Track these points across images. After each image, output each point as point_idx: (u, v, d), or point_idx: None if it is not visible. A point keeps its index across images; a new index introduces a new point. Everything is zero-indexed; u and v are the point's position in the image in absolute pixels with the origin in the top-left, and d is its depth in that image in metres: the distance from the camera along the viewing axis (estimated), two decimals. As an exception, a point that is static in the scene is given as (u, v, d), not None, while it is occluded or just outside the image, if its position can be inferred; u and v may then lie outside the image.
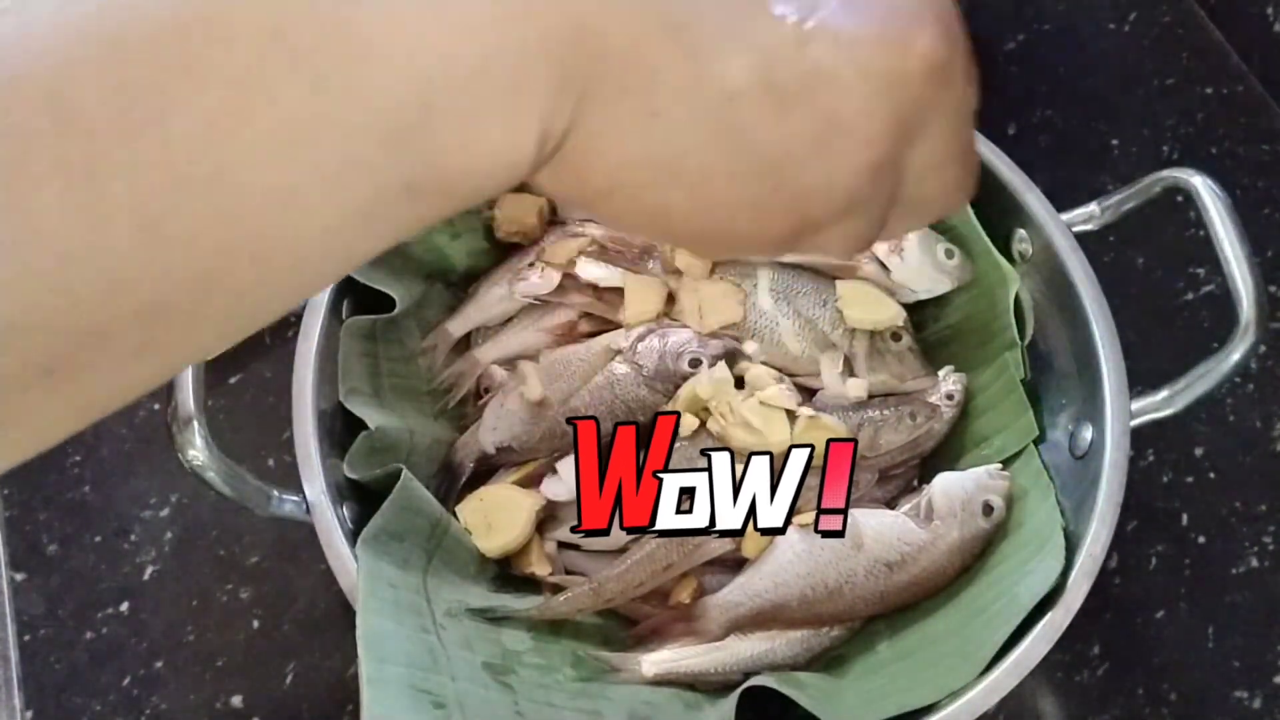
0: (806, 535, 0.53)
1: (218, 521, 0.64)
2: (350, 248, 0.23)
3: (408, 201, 0.23)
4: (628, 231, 0.25)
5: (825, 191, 0.26)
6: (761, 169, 0.25)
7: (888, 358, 0.59)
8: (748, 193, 0.26)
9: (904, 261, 0.59)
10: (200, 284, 0.21)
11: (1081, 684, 0.59)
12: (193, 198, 0.20)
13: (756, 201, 0.26)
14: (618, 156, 0.25)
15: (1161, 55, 0.78)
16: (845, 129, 0.25)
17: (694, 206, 0.26)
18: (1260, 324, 0.50)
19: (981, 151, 0.59)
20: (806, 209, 0.26)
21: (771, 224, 0.27)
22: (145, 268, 0.21)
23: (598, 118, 0.24)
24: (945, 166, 0.28)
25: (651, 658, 0.52)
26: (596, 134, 0.24)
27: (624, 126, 0.24)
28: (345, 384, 0.55)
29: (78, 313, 0.20)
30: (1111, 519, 0.49)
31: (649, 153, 0.25)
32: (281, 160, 0.21)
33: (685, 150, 0.25)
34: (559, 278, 0.59)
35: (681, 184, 0.25)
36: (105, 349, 0.21)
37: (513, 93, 0.23)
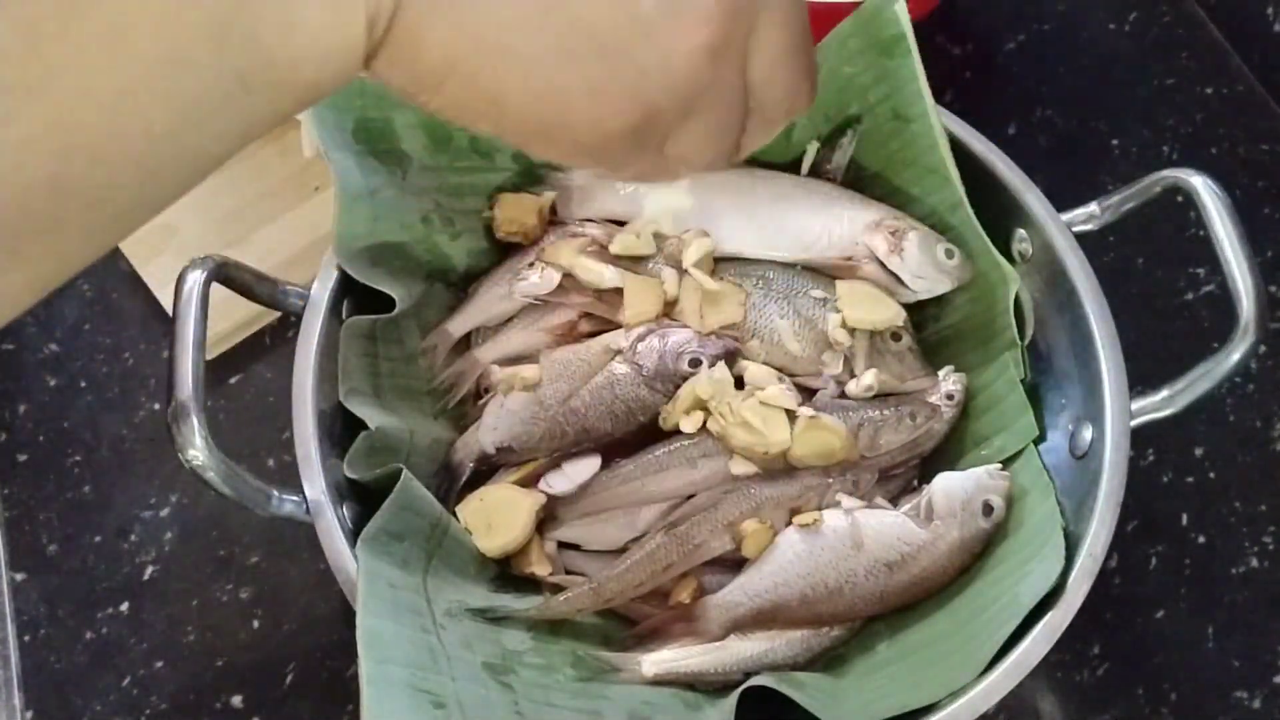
0: (807, 535, 0.53)
1: (218, 521, 0.64)
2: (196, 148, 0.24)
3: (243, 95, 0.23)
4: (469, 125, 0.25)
5: (662, 73, 0.25)
6: (594, 49, 0.25)
7: (888, 358, 0.59)
8: (582, 75, 0.25)
9: (904, 261, 0.59)
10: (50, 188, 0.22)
11: (1081, 684, 0.59)
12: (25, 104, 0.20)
13: (592, 85, 0.25)
14: (446, 36, 0.24)
15: (1161, 55, 0.78)
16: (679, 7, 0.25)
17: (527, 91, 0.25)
18: (1260, 324, 0.50)
19: (981, 151, 0.59)
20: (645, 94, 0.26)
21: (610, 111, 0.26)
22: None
23: None
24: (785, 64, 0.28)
25: (651, 658, 0.52)
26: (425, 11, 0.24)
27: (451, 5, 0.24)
28: (345, 384, 0.55)
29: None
30: (1111, 519, 0.49)
31: (479, 33, 0.24)
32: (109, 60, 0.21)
33: (515, 29, 0.24)
34: (559, 278, 0.59)
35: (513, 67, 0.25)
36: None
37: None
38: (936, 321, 0.62)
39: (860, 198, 0.61)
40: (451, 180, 0.61)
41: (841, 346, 0.58)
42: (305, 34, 0.23)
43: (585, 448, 0.57)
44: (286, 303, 0.56)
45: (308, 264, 0.62)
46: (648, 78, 0.25)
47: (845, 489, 0.55)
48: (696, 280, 0.58)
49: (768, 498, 0.54)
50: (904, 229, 0.59)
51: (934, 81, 0.58)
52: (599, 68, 0.25)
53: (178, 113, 0.23)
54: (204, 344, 0.49)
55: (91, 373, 0.68)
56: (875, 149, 0.62)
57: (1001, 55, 0.78)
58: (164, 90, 0.22)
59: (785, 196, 0.61)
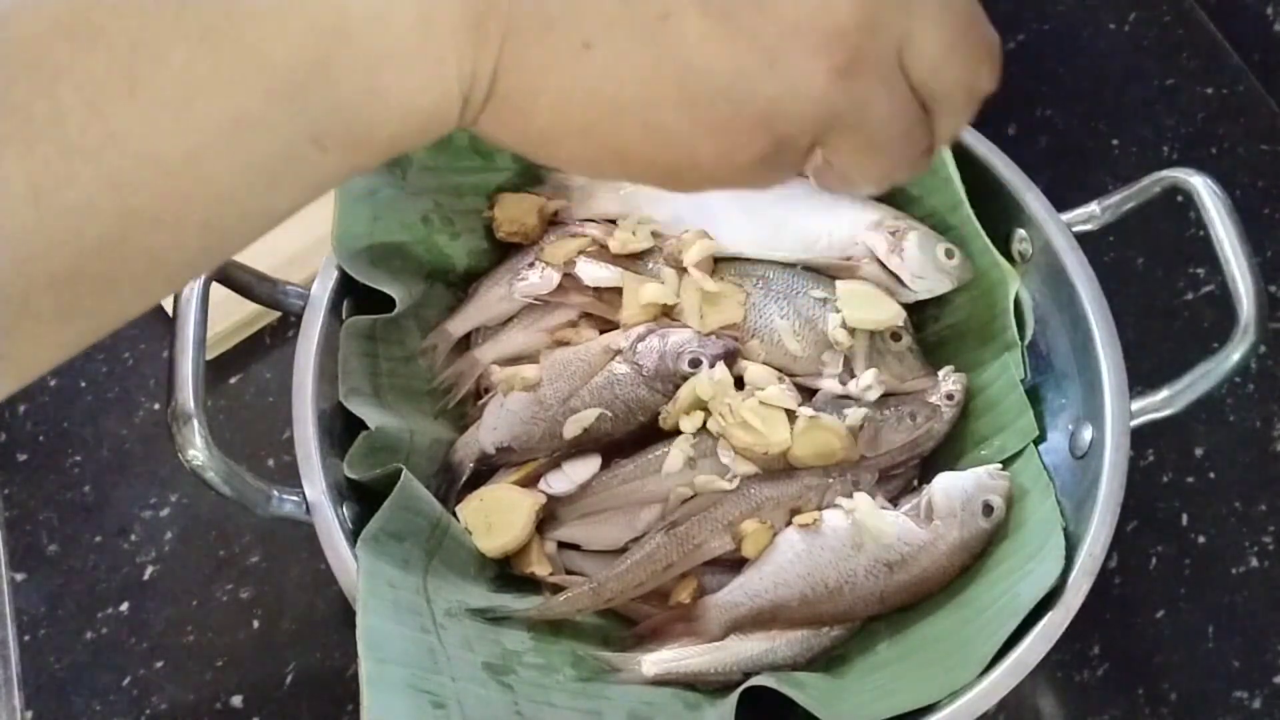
0: (807, 535, 0.53)
1: (218, 521, 0.64)
2: (264, 204, 0.23)
3: (318, 155, 0.22)
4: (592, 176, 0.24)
5: (791, 102, 0.24)
6: (714, 91, 0.24)
7: (888, 358, 0.59)
8: (704, 118, 0.24)
9: (904, 261, 0.59)
10: (109, 250, 0.21)
11: (1081, 684, 0.59)
12: (86, 166, 0.20)
13: (716, 126, 0.24)
14: (557, 95, 0.23)
15: (1161, 55, 0.78)
16: (796, 34, 0.23)
17: (650, 140, 0.24)
18: (1260, 324, 0.50)
19: (981, 151, 0.59)
20: (775, 127, 0.24)
21: (740, 149, 0.25)
22: (49, 238, 0.20)
23: (527, 55, 0.23)
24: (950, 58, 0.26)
25: (651, 658, 0.52)
26: (529, 72, 0.23)
27: (557, 62, 0.23)
28: (345, 384, 0.55)
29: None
30: (1111, 519, 0.49)
31: (589, 87, 0.23)
32: (174, 123, 0.21)
33: (627, 81, 0.23)
34: (559, 278, 0.59)
35: (631, 117, 0.24)
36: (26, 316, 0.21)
37: (420, 39, 0.22)
38: (936, 321, 0.62)
39: (860, 198, 0.61)
40: (451, 180, 0.61)
41: (841, 346, 0.58)
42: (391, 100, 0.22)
43: (585, 448, 0.57)
44: (286, 303, 0.56)
45: (308, 264, 0.62)
46: (775, 108, 0.24)
47: (845, 489, 0.55)
48: (696, 280, 0.58)
49: (768, 498, 0.54)
50: (904, 229, 0.59)
51: (934, 81, 0.58)
52: (721, 109, 0.24)
53: (245, 175, 0.22)
54: (204, 344, 0.49)
55: (91, 373, 0.68)
56: (875, 149, 0.62)
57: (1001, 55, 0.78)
58: (232, 153, 0.22)
59: (785, 196, 0.61)
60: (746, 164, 0.25)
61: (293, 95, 0.21)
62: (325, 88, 0.22)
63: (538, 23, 0.23)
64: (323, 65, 0.21)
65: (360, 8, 0.21)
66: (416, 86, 0.22)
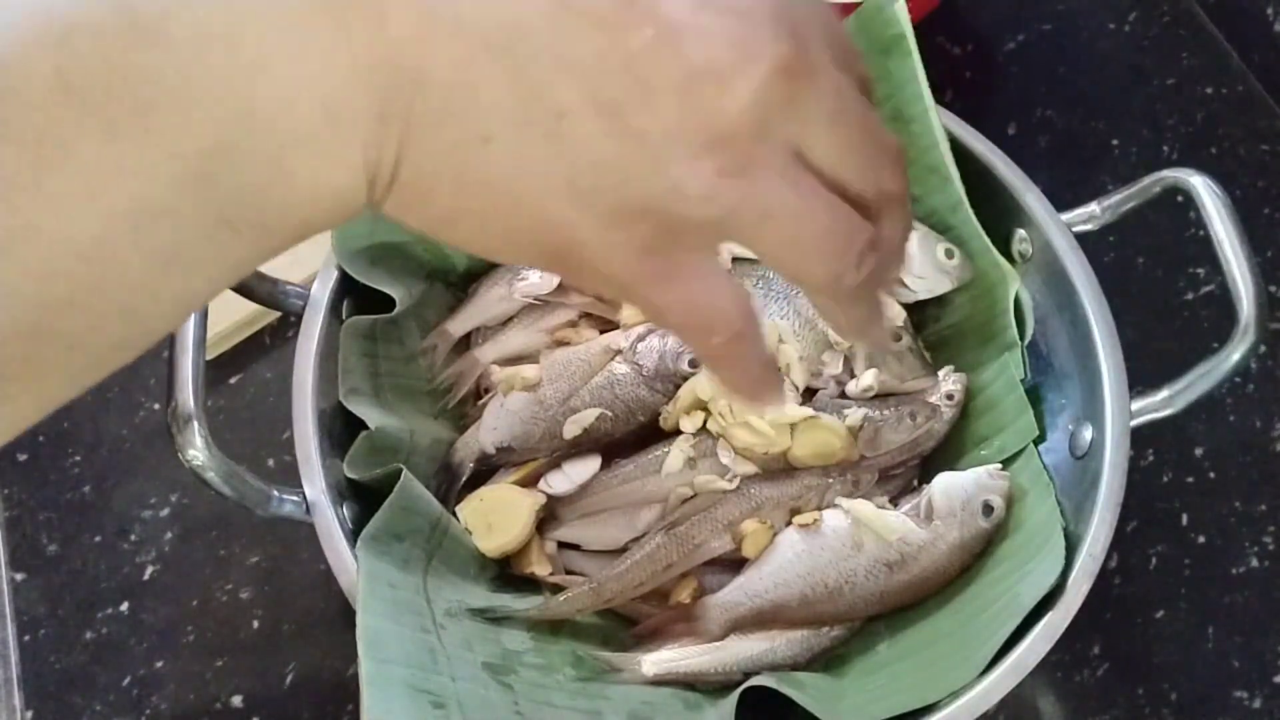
0: (807, 535, 0.53)
1: (218, 521, 0.64)
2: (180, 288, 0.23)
3: (230, 238, 0.23)
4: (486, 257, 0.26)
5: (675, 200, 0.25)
6: (601, 185, 0.25)
7: (888, 358, 0.59)
8: (592, 208, 0.25)
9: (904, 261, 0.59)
10: (31, 336, 0.22)
11: (1081, 684, 0.59)
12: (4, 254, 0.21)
13: (601, 215, 0.25)
14: (455, 183, 0.24)
15: (1161, 55, 0.78)
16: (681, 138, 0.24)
17: (540, 227, 0.25)
18: (1260, 324, 0.50)
19: (981, 151, 0.59)
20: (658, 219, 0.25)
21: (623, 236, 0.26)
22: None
23: (428, 145, 0.24)
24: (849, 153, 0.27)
25: (651, 658, 0.52)
26: (431, 161, 0.24)
27: (457, 152, 0.24)
28: (345, 384, 0.55)
29: None
30: (1111, 519, 0.49)
31: (487, 177, 0.24)
32: (84, 211, 0.21)
33: (523, 173, 0.24)
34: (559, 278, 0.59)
35: (524, 206, 0.25)
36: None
37: (326, 127, 0.23)
38: (936, 321, 0.62)
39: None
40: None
41: (841, 346, 0.58)
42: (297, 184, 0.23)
43: (585, 448, 0.57)
44: (286, 303, 0.56)
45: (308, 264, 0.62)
46: (659, 203, 0.25)
47: (845, 489, 0.55)
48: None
49: (768, 498, 0.54)
50: (904, 229, 0.59)
51: (934, 81, 0.58)
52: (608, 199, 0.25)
53: (157, 260, 0.22)
54: (204, 344, 0.49)
55: (91, 373, 0.68)
56: (875, 149, 0.62)
57: (1001, 55, 0.78)
58: (141, 240, 0.22)
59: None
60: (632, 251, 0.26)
61: (200, 181, 0.22)
62: (233, 173, 0.22)
63: (438, 115, 0.23)
64: (229, 151, 0.22)
65: (266, 94, 0.22)
66: (323, 170, 0.23)
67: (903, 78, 0.59)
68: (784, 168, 0.26)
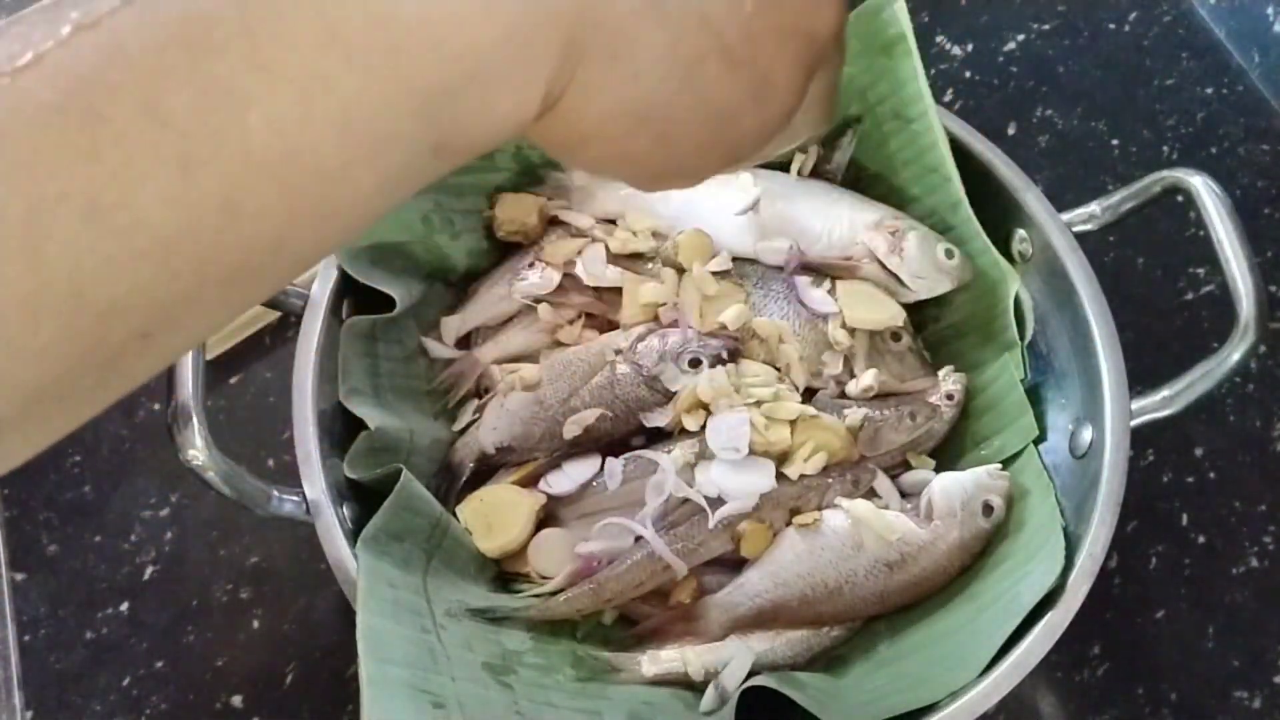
0: (807, 535, 0.53)
1: (218, 521, 0.64)
2: (384, 204, 0.27)
3: (434, 162, 0.27)
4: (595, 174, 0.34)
5: (755, 134, 0.32)
6: (712, 119, 0.30)
7: (888, 358, 0.59)
8: (699, 138, 0.31)
9: (904, 261, 0.59)
10: (272, 249, 0.25)
11: (1081, 684, 0.59)
12: (267, 179, 0.24)
13: (703, 145, 0.31)
14: (603, 109, 0.29)
15: (1161, 55, 0.78)
16: (776, 86, 0.31)
17: (655, 149, 0.30)
18: (1260, 324, 0.50)
19: (981, 151, 0.59)
20: (739, 149, 0.32)
21: (709, 162, 0.32)
22: (230, 241, 0.24)
23: (591, 78, 0.28)
24: (821, 103, 0.34)
25: (651, 657, 0.52)
26: (588, 91, 0.28)
27: (612, 85, 0.28)
28: (345, 384, 0.55)
29: (175, 285, 0.23)
30: (1111, 519, 0.49)
31: (629, 107, 0.29)
32: (337, 140, 0.24)
33: (657, 104, 0.29)
34: (559, 278, 0.59)
35: (650, 131, 0.30)
36: (193, 310, 0.25)
37: (526, 63, 0.26)
38: (936, 321, 0.62)
39: (860, 198, 0.61)
40: (451, 180, 0.61)
41: (841, 346, 0.58)
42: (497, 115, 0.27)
43: (585, 448, 0.57)
44: (286, 303, 0.56)
45: (308, 264, 0.62)
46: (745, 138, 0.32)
47: (845, 489, 0.55)
48: (697, 281, 0.58)
49: (768, 498, 0.54)
50: (904, 229, 0.59)
51: (934, 81, 0.58)
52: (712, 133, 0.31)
53: (383, 180, 0.26)
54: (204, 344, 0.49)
55: (91, 373, 0.68)
56: (875, 149, 0.62)
57: (1001, 55, 0.78)
58: (377, 163, 0.25)
59: (785, 197, 0.61)
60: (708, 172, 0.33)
61: (429, 115, 0.25)
62: (453, 107, 0.26)
63: (607, 54, 0.28)
64: (453, 89, 0.25)
65: (487, 37, 0.25)
66: (518, 103, 0.27)
67: (903, 78, 0.59)
68: None
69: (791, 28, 0.30)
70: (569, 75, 0.27)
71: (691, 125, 0.30)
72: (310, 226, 0.25)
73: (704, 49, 0.29)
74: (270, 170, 0.24)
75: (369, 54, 0.24)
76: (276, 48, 0.23)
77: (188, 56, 0.23)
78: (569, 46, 0.27)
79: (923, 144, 0.59)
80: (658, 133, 0.30)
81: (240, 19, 0.23)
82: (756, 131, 0.32)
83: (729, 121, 0.31)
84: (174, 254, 0.23)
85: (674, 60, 0.28)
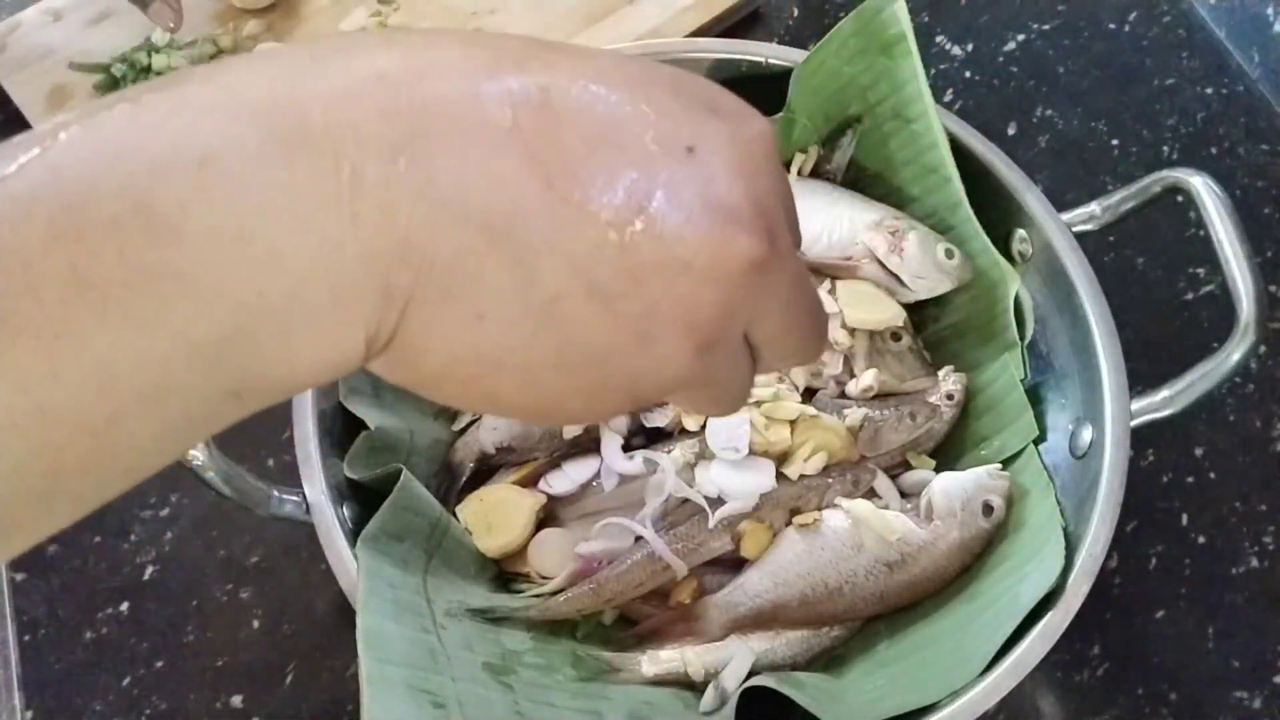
0: (807, 535, 0.53)
1: (218, 521, 0.64)
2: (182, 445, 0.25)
3: (232, 406, 0.25)
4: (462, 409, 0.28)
5: (653, 376, 0.28)
6: (587, 361, 0.27)
7: (888, 358, 0.59)
8: (576, 382, 0.27)
9: (904, 261, 0.59)
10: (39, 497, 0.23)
11: (1081, 684, 0.59)
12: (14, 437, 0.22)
13: (585, 388, 0.28)
14: (447, 352, 0.26)
15: (1161, 55, 0.78)
16: (666, 322, 0.26)
17: (523, 394, 0.28)
18: (1260, 324, 0.50)
19: (981, 151, 0.59)
20: (637, 391, 0.28)
21: (603, 405, 0.29)
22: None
23: (425, 320, 0.25)
24: (789, 334, 0.30)
25: (651, 657, 0.52)
26: (424, 333, 0.26)
27: (451, 327, 0.26)
28: (345, 384, 0.55)
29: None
30: (1111, 519, 0.49)
31: (477, 350, 0.26)
32: (100, 394, 0.22)
33: (512, 347, 0.26)
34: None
35: (510, 376, 0.27)
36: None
37: (333, 310, 0.24)
38: (936, 321, 0.62)
39: (860, 198, 0.61)
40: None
41: (841, 346, 0.58)
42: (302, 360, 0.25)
43: (585, 448, 0.57)
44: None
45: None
46: (639, 379, 0.28)
47: (845, 489, 0.55)
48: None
49: (768, 498, 0.54)
50: (904, 229, 0.59)
51: (934, 81, 0.58)
52: (593, 375, 0.27)
53: (165, 428, 0.24)
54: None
55: (91, 373, 0.68)
56: (875, 149, 0.62)
57: (1001, 55, 0.78)
58: (152, 415, 0.23)
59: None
60: (610, 413, 0.30)
61: (211, 365, 0.23)
62: (243, 355, 0.24)
63: (439, 295, 0.25)
64: (240, 337, 0.23)
65: (278, 285, 0.23)
66: (327, 348, 0.25)
67: (903, 78, 0.59)
68: (736, 344, 0.29)
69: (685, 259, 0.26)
70: (395, 318, 0.25)
71: (562, 370, 0.27)
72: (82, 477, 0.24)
73: (564, 287, 0.25)
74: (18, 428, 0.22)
75: (128, 307, 0.22)
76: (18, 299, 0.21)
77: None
78: (387, 290, 0.25)
79: (923, 144, 0.59)
80: (520, 377, 0.27)
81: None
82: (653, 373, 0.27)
83: (610, 363, 0.27)
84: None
85: (526, 300, 0.25)
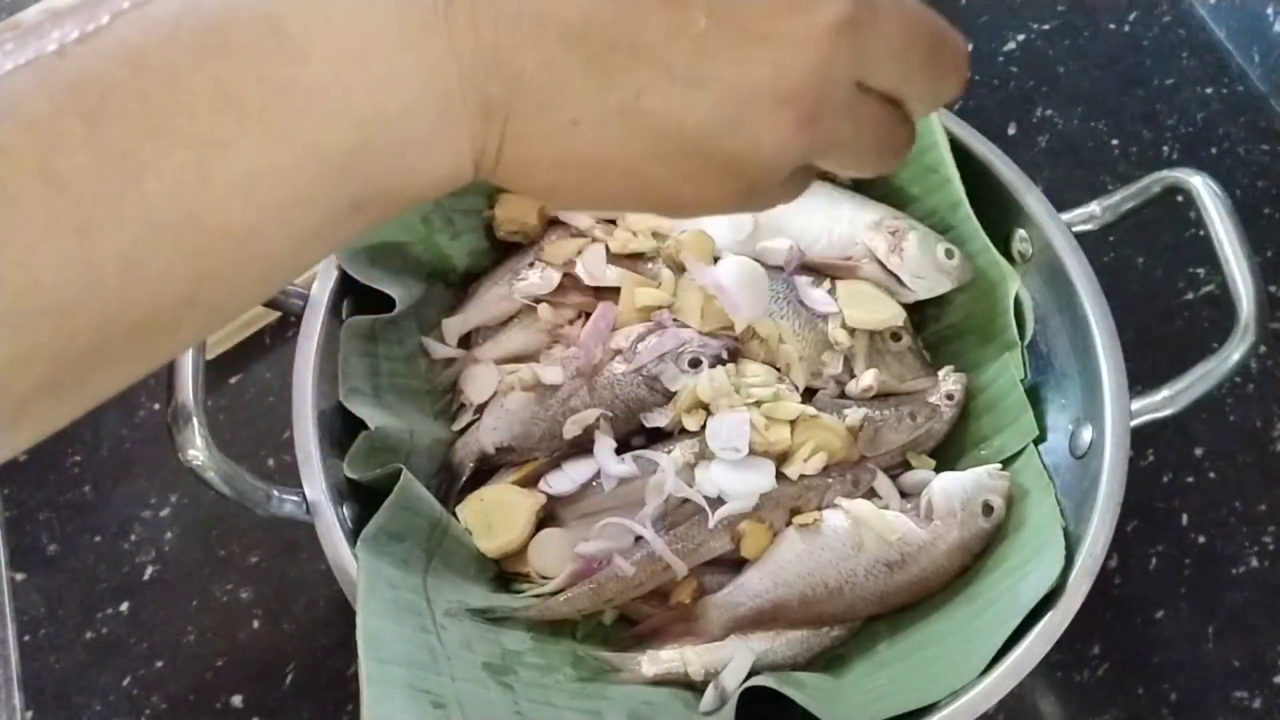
0: (807, 535, 0.53)
1: (218, 521, 0.64)
2: (309, 258, 0.27)
3: (355, 216, 0.27)
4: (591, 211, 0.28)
5: (754, 155, 0.28)
6: (684, 150, 0.28)
7: (888, 358, 0.59)
8: (680, 170, 0.28)
9: (904, 261, 0.59)
10: (180, 306, 0.25)
11: (1081, 684, 0.59)
12: (168, 241, 0.24)
13: (691, 174, 0.28)
14: (552, 159, 0.28)
15: (1161, 55, 0.78)
16: (754, 100, 0.27)
17: (635, 188, 0.29)
18: (1260, 324, 0.50)
19: (981, 151, 0.59)
20: (743, 173, 0.29)
21: (718, 189, 0.29)
22: (132, 300, 0.24)
23: (526, 132, 0.27)
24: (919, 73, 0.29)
25: (651, 657, 0.52)
26: (529, 146, 0.27)
27: (551, 136, 0.27)
28: (345, 384, 0.55)
29: (77, 341, 0.24)
30: (1111, 519, 0.49)
31: (580, 154, 0.28)
32: (241, 203, 0.25)
33: (609, 145, 0.28)
34: (559, 278, 0.59)
35: (618, 174, 0.28)
36: (102, 363, 0.25)
37: (439, 125, 0.26)
38: (936, 321, 0.62)
39: (860, 198, 0.61)
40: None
41: (841, 346, 0.58)
42: (417, 172, 0.27)
43: (585, 448, 0.57)
44: (286, 303, 0.56)
45: (308, 264, 0.62)
46: (741, 159, 0.28)
47: (845, 489, 0.55)
48: (697, 281, 0.58)
49: (768, 498, 0.54)
50: (904, 229, 0.59)
51: (934, 81, 0.58)
52: (693, 161, 0.28)
53: (296, 239, 0.26)
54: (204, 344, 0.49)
55: (91, 373, 0.68)
56: (875, 149, 0.62)
57: (1001, 55, 0.78)
58: (286, 225, 0.26)
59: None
60: (726, 199, 0.30)
61: (338, 176, 0.26)
62: (364, 167, 0.26)
63: (533, 106, 0.27)
64: (363, 151, 0.26)
65: (393, 104, 0.25)
66: (438, 161, 0.27)
67: (903, 78, 0.59)
68: (847, 104, 0.28)
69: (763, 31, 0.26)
70: (499, 131, 0.27)
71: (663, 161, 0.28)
72: (222, 284, 0.26)
73: (645, 80, 0.26)
74: (171, 233, 0.24)
75: (267, 119, 0.24)
76: (171, 113, 0.23)
77: (83, 121, 0.23)
78: (488, 105, 0.26)
79: (923, 144, 0.59)
80: (627, 173, 0.28)
81: (135, 84, 0.23)
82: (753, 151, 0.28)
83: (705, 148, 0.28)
84: (72, 313, 0.24)
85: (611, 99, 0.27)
